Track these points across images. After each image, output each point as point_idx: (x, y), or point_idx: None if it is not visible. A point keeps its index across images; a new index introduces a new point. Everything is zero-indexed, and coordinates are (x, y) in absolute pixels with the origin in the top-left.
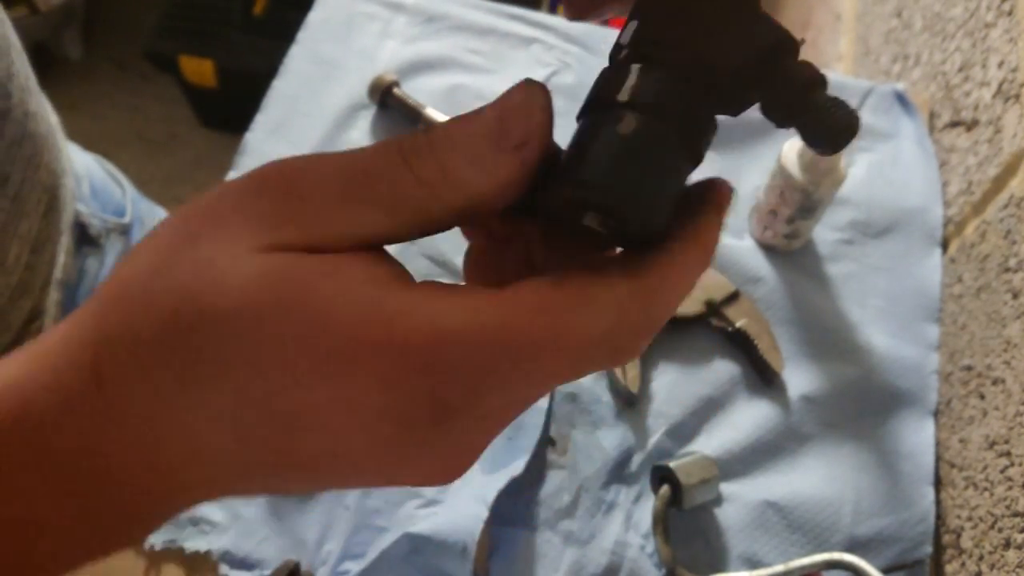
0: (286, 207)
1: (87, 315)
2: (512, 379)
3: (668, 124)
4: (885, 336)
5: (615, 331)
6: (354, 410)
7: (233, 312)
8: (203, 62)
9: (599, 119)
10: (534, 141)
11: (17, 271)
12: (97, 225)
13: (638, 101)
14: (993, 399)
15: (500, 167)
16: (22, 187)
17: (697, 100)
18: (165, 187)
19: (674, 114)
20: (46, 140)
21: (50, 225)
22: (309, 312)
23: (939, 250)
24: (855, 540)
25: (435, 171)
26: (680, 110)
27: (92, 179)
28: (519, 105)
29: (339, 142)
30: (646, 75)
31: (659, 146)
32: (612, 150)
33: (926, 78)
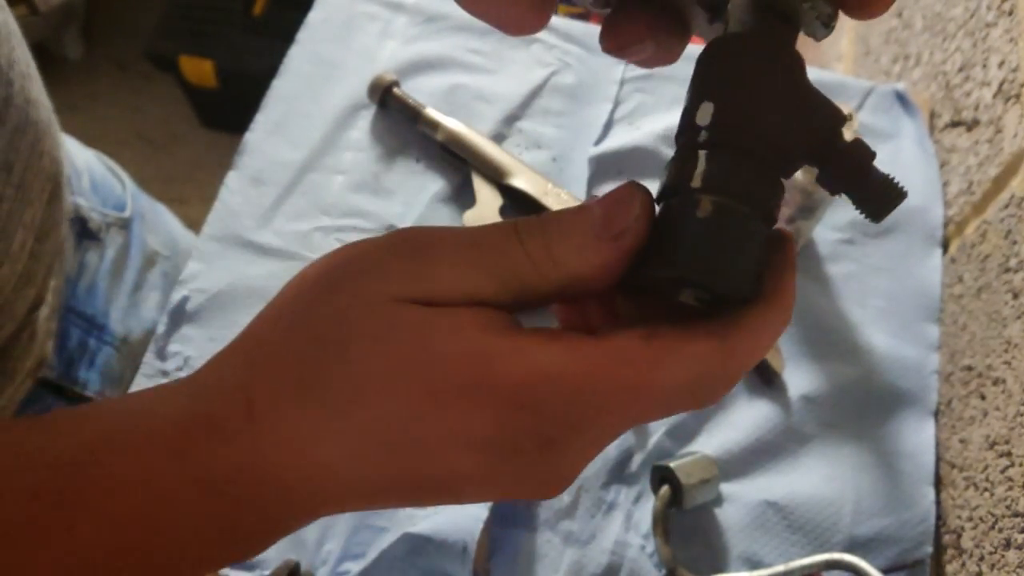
0: (413, 266)
1: (237, 354)
2: (603, 419)
3: (741, 201)
4: (885, 336)
5: (695, 384)
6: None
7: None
8: (203, 62)
9: (679, 205)
10: (632, 233)
11: (22, 259)
12: (97, 219)
13: (711, 185)
14: (993, 399)
15: (600, 253)
16: (26, 174)
17: (763, 175)
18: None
19: (745, 192)
20: (47, 127)
21: (54, 213)
22: (428, 355)
23: (939, 250)
24: (855, 540)
25: (542, 250)
26: (749, 187)
27: (92, 174)
28: (622, 200)
29: (339, 142)
30: (714, 160)
31: (736, 222)
32: (696, 233)
33: (926, 78)
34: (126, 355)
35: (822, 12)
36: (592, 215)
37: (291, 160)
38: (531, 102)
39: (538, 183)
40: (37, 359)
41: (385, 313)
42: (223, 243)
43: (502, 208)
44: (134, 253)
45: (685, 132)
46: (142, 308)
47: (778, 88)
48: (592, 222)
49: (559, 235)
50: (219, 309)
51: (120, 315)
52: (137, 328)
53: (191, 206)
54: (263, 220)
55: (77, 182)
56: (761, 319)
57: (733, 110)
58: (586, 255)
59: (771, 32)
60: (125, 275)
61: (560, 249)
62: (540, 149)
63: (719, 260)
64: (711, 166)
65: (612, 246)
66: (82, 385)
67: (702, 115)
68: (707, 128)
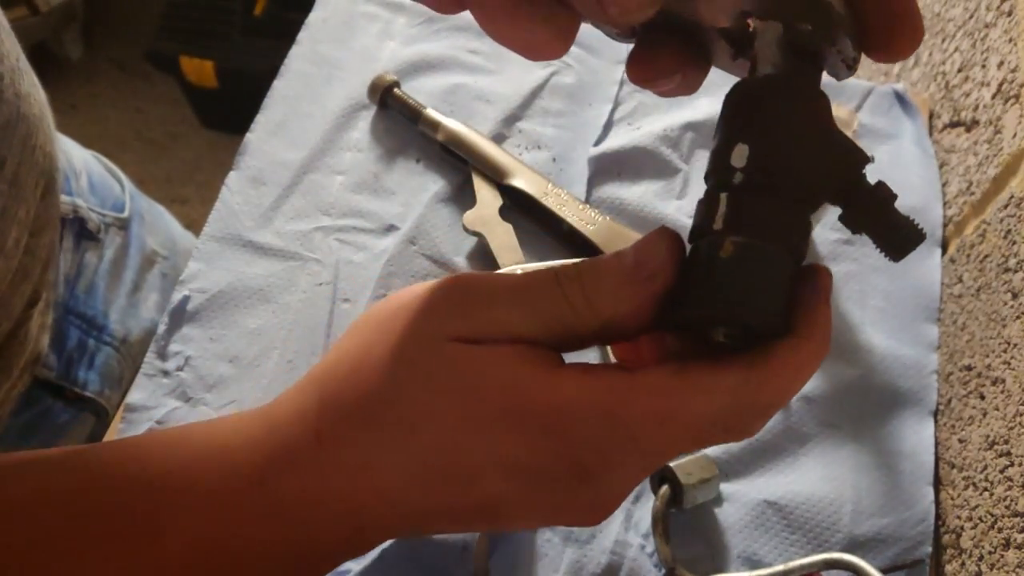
0: (463, 309)
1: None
2: (635, 448)
3: (765, 239)
4: (885, 336)
5: (727, 415)
6: (503, 465)
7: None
8: (203, 62)
9: (705, 246)
10: (662, 275)
11: (17, 255)
12: (96, 219)
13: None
14: (993, 399)
15: (633, 296)
16: (19, 170)
17: (789, 213)
18: (165, 187)
19: (769, 230)
20: (40, 122)
21: (48, 209)
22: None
23: (938, 250)
24: (855, 540)
25: (579, 295)
26: (774, 225)
27: (90, 174)
28: (651, 245)
29: (339, 142)
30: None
31: (760, 259)
32: (722, 272)
33: (926, 78)
34: (126, 355)
35: (847, 55)
36: (624, 261)
37: (291, 160)
38: (531, 102)
39: (538, 183)
40: (33, 354)
41: (436, 351)
42: (223, 243)
43: (502, 208)
44: (133, 253)
45: (718, 172)
46: (141, 308)
47: (809, 131)
48: (624, 267)
49: (594, 281)
50: (219, 309)
51: (119, 315)
52: (136, 328)
53: (191, 206)
54: (263, 220)
55: (75, 182)
56: (792, 351)
57: (768, 153)
58: (620, 298)
59: (801, 75)
60: (124, 275)
61: (596, 294)
62: (540, 149)
63: (744, 296)
64: (734, 208)
65: (644, 289)
66: (82, 385)
67: (737, 157)
68: (742, 170)
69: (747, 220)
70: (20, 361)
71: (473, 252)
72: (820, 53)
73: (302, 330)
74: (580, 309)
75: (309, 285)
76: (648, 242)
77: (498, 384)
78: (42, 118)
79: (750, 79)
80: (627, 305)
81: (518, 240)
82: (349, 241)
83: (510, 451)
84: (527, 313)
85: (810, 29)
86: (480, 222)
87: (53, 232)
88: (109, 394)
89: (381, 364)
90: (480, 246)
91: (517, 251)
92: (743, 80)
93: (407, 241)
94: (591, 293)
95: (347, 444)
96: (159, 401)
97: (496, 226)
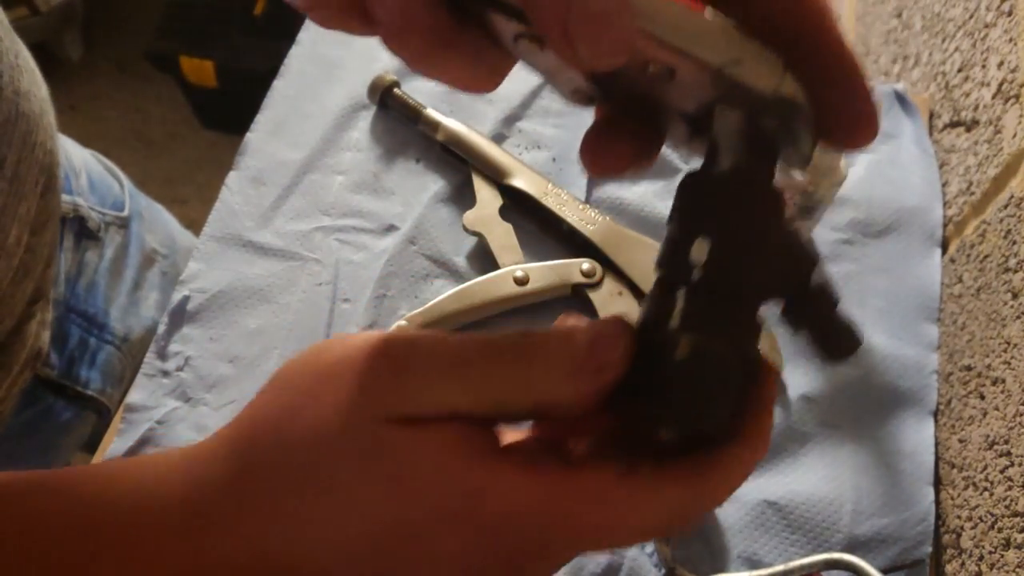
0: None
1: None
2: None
3: (719, 341)
4: (885, 336)
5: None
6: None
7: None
8: (203, 62)
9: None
10: (612, 370)
11: (18, 253)
12: (96, 218)
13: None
14: (993, 399)
15: (579, 384)
16: (19, 167)
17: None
18: (165, 187)
19: (723, 332)
20: (40, 119)
21: (49, 206)
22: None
23: (939, 250)
24: (855, 540)
25: (522, 375)
26: (728, 327)
27: (90, 173)
28: (606, 337)
29: (339, 142)
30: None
31: (719, 364)
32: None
33: (926, 78)
34: (127, 354)
35: (804, 151)
36: (574, 346)
37: (291, 160)
38: (531, 102)
39: (538, 183)
40: (34, 350)
41: (369, 432)
42: (223, 243)
43: (502, 208)
44: (133, 252)
45: (674, 265)
46: (142, 307)
47: (767, 231)
48: (574, 354)
49: (540, 362)
50: (219, 309)
51: (120, 314)
52: (137, 327)
53: (191, 206)
54: (263, 220)
55: (75, 181)
56: (737, 459)
57: (728, 252)
58: (565, 384)
59: (759, 170)
60: (124, 274)
61: (541, 375)
62: (540, 149)
63: (697, 401)
64: (693, 306)
65: (591, 379)
66: (83, 384)
67: (697, 252)
68: (702, 266)
69: (704, 321)
70: (21, 358)
71: (473, 252)
72: (777, 149)
73: (302, 330)
74: (522, 388)
75: (309, 285)
76: (602, 333)
77: (433, 478)
78: (42, 115)
79: (711, 171)
80: (571, 393)
81: (518, 240)
82: (349, 241)
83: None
84: (463, 389)
85: (774, 125)
86: (480, 222)
87: (54, 229)
88: (110, 392)
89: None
90: (480, 246)
91: (517, 251)
92: (703, 170)
93: (407, 241)
94: (535, 375)
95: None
96: (159, 401)
97: (496, 226)
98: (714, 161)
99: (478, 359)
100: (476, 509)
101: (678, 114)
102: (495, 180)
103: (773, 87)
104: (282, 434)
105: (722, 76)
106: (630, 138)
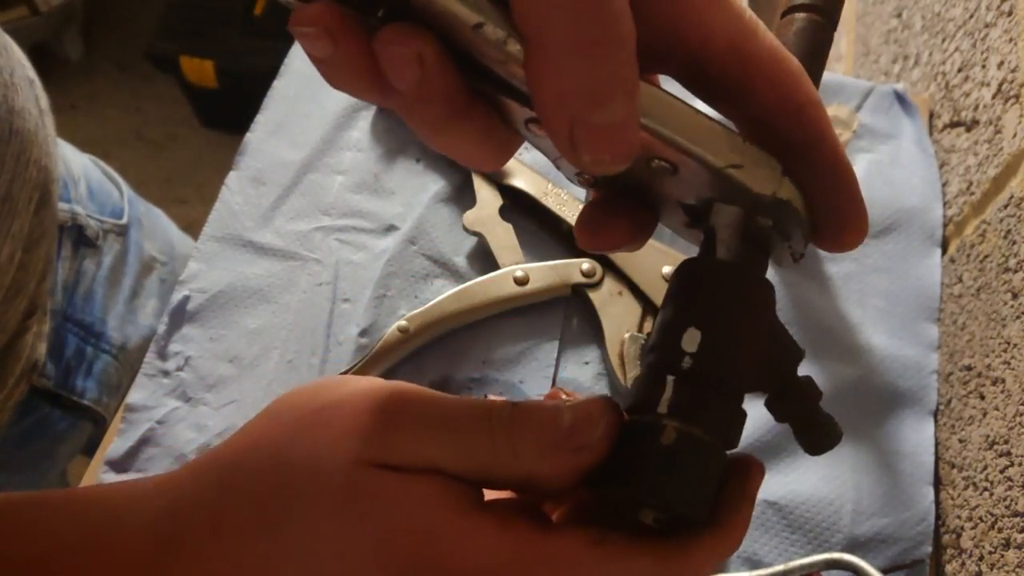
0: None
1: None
2: None
3: (704, 429)
4: (885, 336)
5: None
6: None
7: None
8: (203, 62)
9: (645, 427)
10: (593, 450)
11: (11, 271)
12: (95, 226)
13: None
14: (993, 399)
15: (559, 462)
16: (11, 186)
17: (727, 404)
18: (165, 187)
19: (709, 421)
20: (34, 136)
21: (43, 222)
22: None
23: (939, 250)
24: (855, 540)
25: (507, 445)
26: (714, 416)
27: (89, 180)
28: (591, 417)
29: (339, 142)
30: (684, 387)
31: (699, 450)
32: (659, 459)
33: (926, 78)
34: (124, 363)
35: (796, 249)
36: (559, 422)
37: (291, 160)
38: None
39: (538, 183)
40: (30, 363)
41: (352, 475)
42: (223, 243)
43: (502, 208)
44: (131, 260)
45: (665, 351)
46: (139, 315)
47: (758, 325)
48: (558, 429)
49: (526, 433)
50: (219, 309)
51: (117, 323)
52: (135, 335)
53: (191, 206)
54: (263, 220)
55: (74, 189)
56: (710, 547)
57: (720, 344)
58: (546, 460)
59: (753, 264)
60: (123, 282)
61: (524, 448)
62: None
63: (678, 487)
64: (681, 394)
65: (572, 457)
66: (79, 393)
67: (688, 341)
68: (692, 355)
69: (692, 409)
70: (16, 371)
71: (473, 252)
72: (771, 245)
73: (302, 330)
74: (505, 458)
75: (309, 285)
76: (588, 412)
77: (412, 527)
78: (37, 132)
79: (706, 260)
80: (552, 468)
81: (518, 240)
82: (349, 241)
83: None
84: (449, 450)
85: (770, 224)
86: (480, 222)
87: (49, 244)
88: (107, 402)
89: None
90: (480, 246)
91: (517, 251)
92: (699, 259)
93: (407, 241)
94: (519, 446)
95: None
96: (159, 401)
97: (496, 226)
98: (710, 252)
99: (467, 425)
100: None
101: (677, 203)
102: (495, 180)
103: (772, 191)
104: (268, 467)
105: (723, 177)
106: (626, 217)
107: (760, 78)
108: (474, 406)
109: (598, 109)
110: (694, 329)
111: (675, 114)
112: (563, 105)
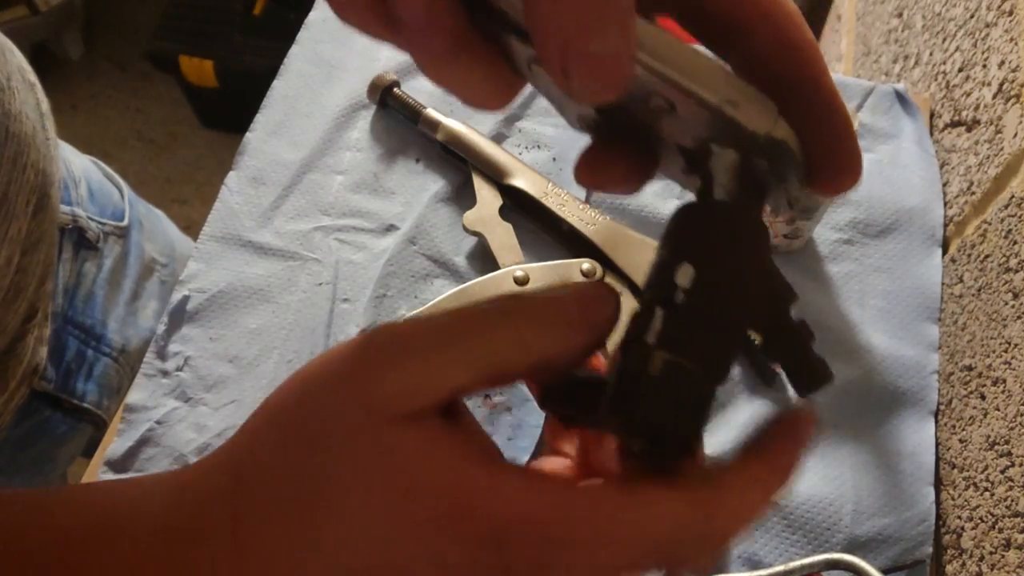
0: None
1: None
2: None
3: (693, 360)
4: (885, 336)
5: (672, 541)
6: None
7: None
8: (203, 62)
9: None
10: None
11: (9, 274)
12: (95, 229)
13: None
14: (993, 399)
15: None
16: (8, 189)
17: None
18: (165, 187)
19: (701, 355)
20: (32, 139)
21: (42, 225)
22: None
23: (939, 250)
24: (855, 540)
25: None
26: (703, 350)
27: (90, 182)
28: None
29: (339, 142)
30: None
31: (687, 380)
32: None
33: (926, 78)
34: (124, 365)
35: (792, 193)
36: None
37: (291, 160)
38: (531, 102)
39: (538, 183)
40: (30, 366)
41: (371, 436)
42: (223, 243)
43: (502, 208)
44: (132, 262)
45: (660, 286)
46: (140, 317)
47: (752, 264)
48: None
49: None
50: (219, 309)
51: (118, 325)
52: (135, 337)
53: (191, 206)
54: (263, 220)
55: (75, 191)
56: (746, 478)
57: (712, 280)
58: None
59: (750, 206)
60: (123, 284)
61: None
62: (540, 149)
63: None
64: (673, 327)
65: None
66: (80, 396)
67: (682, 276)
68: (685, 291)
69: (680, 340)
70: (17, 374)
71: (473, 252)
72: (768, 187)
73: (302, 330)
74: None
75: (309, 285)
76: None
77: (437, 485)
78: (35, 135)
79: (703, 203)
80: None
81: (518, 240)
82: (349, 241)
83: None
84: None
85: (766, 165)
86: (480, 222)
87: (48, 248)
88: (107, 405)
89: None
90: (480, 246)
91: (517, 251)
92: (695, 203)
93: (407, 241)
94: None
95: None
96: (159, 401)
97: (496, 226)
98: (707, 194)
99: (472, 328)
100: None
101: (676, 147)
102: (495, 180)
103: (767, 130)
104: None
105: (719, 115)
106: (625, 159)
107: (758, 18)
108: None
109: (592, 38)
110: (688, 265)
111: (673, 51)
112: (558, 33)
